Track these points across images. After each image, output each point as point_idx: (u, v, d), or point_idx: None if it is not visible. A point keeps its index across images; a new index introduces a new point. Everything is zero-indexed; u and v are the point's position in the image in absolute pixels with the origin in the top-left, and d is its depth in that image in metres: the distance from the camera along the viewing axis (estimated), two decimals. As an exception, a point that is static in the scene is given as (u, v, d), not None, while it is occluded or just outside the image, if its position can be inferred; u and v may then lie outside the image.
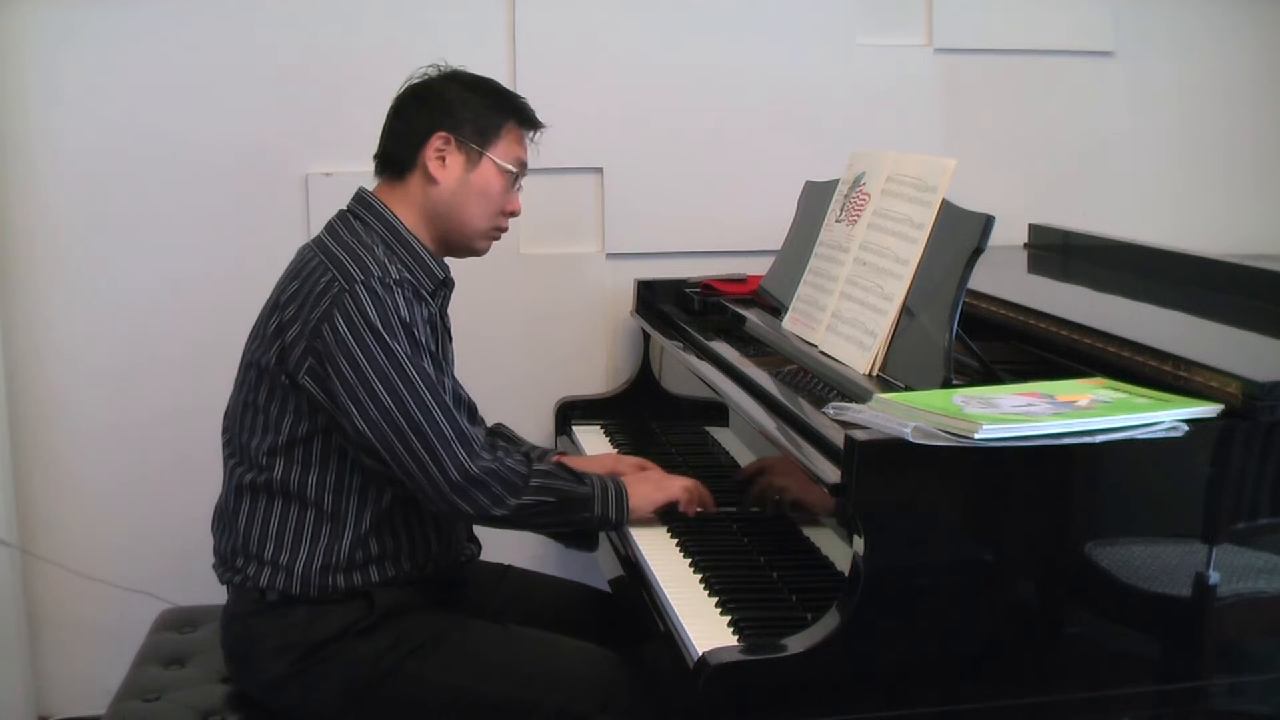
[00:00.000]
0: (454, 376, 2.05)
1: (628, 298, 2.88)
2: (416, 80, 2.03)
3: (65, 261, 2.71)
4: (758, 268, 2.56)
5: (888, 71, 2.96)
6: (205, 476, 2.15)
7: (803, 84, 2.92)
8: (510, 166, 2.00)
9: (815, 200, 2.35)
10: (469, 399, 2.05)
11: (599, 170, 2.87)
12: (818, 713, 1.55)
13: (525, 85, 2.80)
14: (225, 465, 2.00)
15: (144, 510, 2.79)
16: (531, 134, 2.06)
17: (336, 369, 1.82)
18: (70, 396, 2.76)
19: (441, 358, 1.96)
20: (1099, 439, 1.55)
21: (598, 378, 2.92)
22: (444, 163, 1.97)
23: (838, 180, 2.27)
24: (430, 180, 1.97)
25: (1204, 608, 1.65)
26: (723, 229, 2.91)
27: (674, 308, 2.74)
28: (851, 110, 2.93)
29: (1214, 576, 1.63)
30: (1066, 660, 1.64)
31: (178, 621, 2.28)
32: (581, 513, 1.94)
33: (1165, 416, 1.58)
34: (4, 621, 2.69)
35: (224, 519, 1.98)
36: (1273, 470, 1.65)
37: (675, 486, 2.05)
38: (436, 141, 1.96)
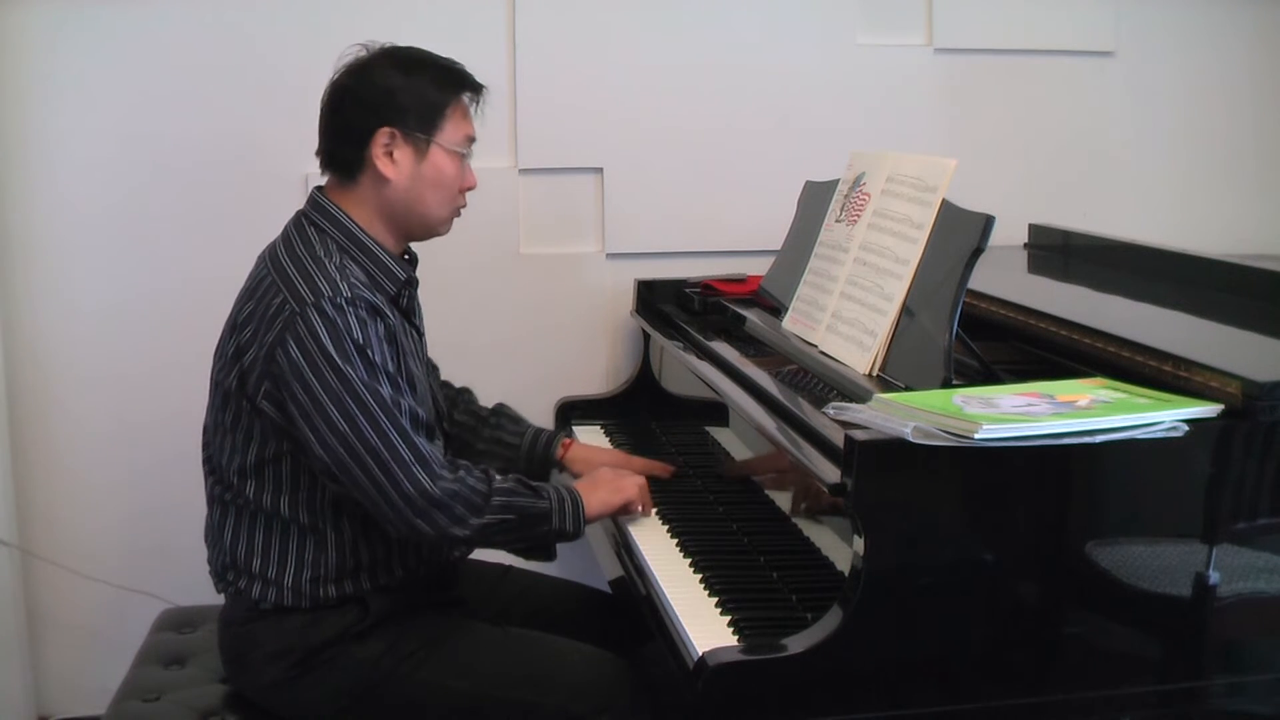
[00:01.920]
0: (419, 386, 1.97)
1: (628, 298, 2.88)
2: (347, 67, 1.94)
3: (65, 261, 2.71)
4: (758, 268, 2.56)
5: (888, 71, 2.96)
6: (205, 477, 2.15)
7: (803, 84, 2.92)
8: (460, 149, 1.94)
9: (815, 200, 2.35)
10: (428, 417, 1.92)
11: (599, 170, 2.87)
12: (818, 713, 1.55)
13: (525, 85, 2.82)
14: (206, 481, 1.98)
15: (144, 511, 2.78)
16: (476, 102, 1.98)
17: (291, 394, 1.79)
18: (70, 397, 2.76)
19: (403, 372, 1.89)
20: (1099, 439, 1.55)
21: (598, 378, 2.92)
22: (393, 158, 1.89)
23: (838, 180, 2.27)
24: (381, 179, 1.90)
25: (1204, 608, 1.65)
26: (723, 229, 2.90)
27: (674, 308, 2.74)
28: (851, 110, 2.93)
29: (1214, 576, 1.63)
30: (1066, 660, 1.64)
31: (178, 621, 2.27)
32: (540, 527, 1.91)
33: (1165, 416, 1.58)
34: (4, 621, 2.69)
35: (211, 534, 1.97)
36: (1273, 470, 1.65)
37: (630, 489, 2.04)
38: (382, 138, 1.88)
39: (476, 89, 1.97)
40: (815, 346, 2.10)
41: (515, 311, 2.88)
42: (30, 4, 2.62)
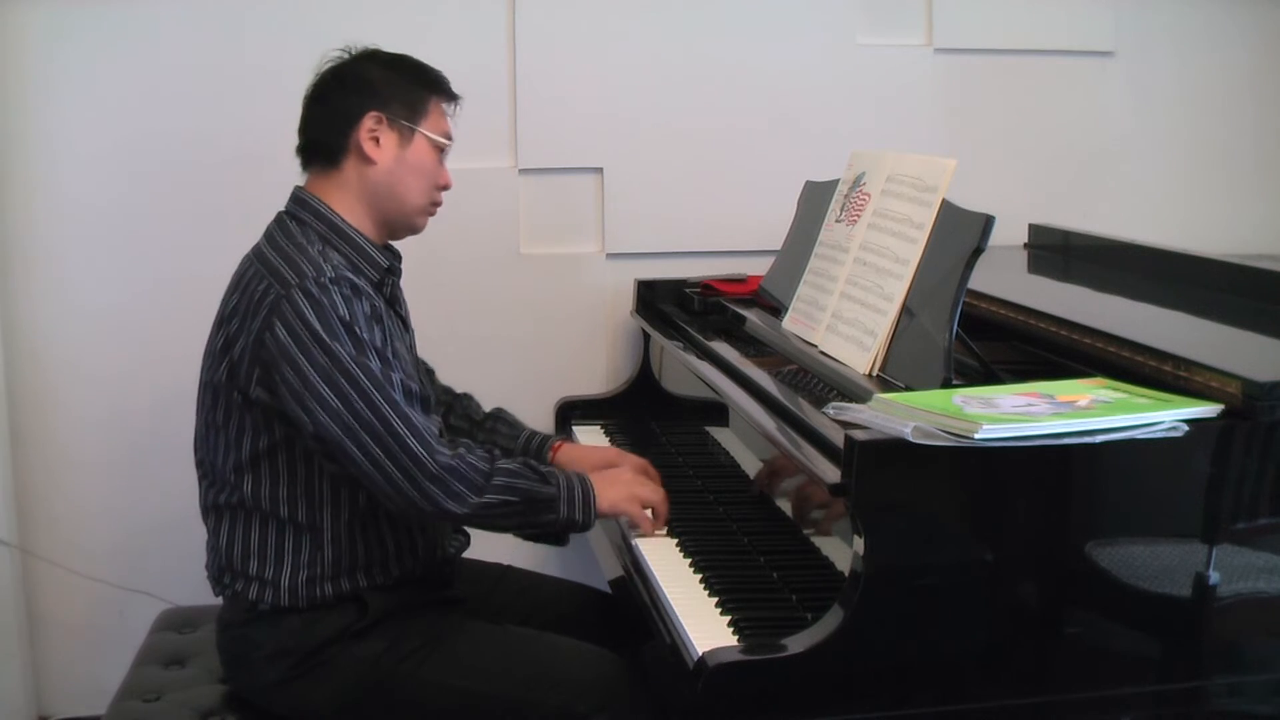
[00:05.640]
0: (406, 367, 1.96)
1: (628, 298, 2.88)
2: (331, 64, 2.00)
3: (65, 261, 2.71)
4: (758, 268, 2.56)
5: (888, 71, 2.96)
6: (205, 476, 2.15)
7: (803, 84, 2.92)
8: (441, 140, 1.98)
9: (815, 200, 2.35)
10: (420, 390, 1.94)
11: (599, 170, 2.87)
12: (818, 713, 1.55)
13: (525, 85, 2.82)
14: (200, 489, 1.97)
15: (144, 511, 2.79)
16: (453, 108, 2.03)
17: (282, 376, 1.79)
18: (70, 396, 2.76)
19: (389, 350, 1.89)
20: (1099, 439, 1.55)
21: (598, 378, 2.92)
22: (378, 143, 1.93)
23: (838, 180, 2.27)
24: (366, 161, 1.93)
25: (1204, 608, 1.65)
26: (723, 229, 2.91)
27: (674, 308, 2.74)
28: (851, 110, 2.93)
29: (1214, 576, 1.63)
30: (1066, 660, 1.64)
31: (178, 621, 2.27)
32: (546, 514, 1.89)
33: (1165, 416, 1.58)
34: (4, 621, 2.69)
35: (207, 541, 1.96)
36: (1273, 470, 1.65)
37: (649, 495, 2.00)
38: (369, 122, 1.93)
39: (453, 97, 2.03)
40: (815, 346, 2.10)
41: (515, 311, 2.88)
42: (30, 4, 2.62)
